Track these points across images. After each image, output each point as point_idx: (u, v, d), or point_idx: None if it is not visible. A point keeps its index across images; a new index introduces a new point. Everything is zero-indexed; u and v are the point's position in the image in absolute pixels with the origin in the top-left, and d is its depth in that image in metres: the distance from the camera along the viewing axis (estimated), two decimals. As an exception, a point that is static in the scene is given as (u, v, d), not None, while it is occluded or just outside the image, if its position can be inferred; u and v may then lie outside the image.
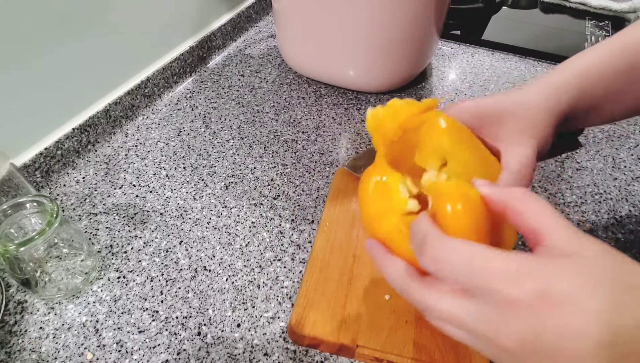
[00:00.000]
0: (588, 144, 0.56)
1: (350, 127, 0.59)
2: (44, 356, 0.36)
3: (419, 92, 0.65)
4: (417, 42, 0.60)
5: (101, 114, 0.55)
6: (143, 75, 0.60)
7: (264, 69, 0.70)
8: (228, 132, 0.58)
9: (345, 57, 0.60)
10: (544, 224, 0.22)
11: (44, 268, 0.39)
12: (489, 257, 0.21)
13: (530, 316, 0.19)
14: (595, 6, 0.83)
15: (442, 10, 0.58)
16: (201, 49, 0.69)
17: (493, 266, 0.21)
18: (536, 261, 0.20)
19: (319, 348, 0.36)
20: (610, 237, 0.45)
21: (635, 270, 0.20)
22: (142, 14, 0.58)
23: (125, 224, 0.46)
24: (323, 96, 0.65)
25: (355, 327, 0.37)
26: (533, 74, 0.69)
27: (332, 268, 0.41)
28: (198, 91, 0.66)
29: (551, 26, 0.80)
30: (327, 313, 0.37)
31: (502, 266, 0.20)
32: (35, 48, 0.46)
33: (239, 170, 0.53)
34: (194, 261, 0.43)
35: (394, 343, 0.35)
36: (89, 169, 0.53)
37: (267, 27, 0.81)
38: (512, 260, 0.21)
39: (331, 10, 0.55)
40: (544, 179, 0.51)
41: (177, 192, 0.50)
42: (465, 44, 0.77)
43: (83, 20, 0.50)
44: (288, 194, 0.50)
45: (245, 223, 0.47)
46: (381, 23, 0.55)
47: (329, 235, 0.44)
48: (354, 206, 0.46)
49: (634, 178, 0.52)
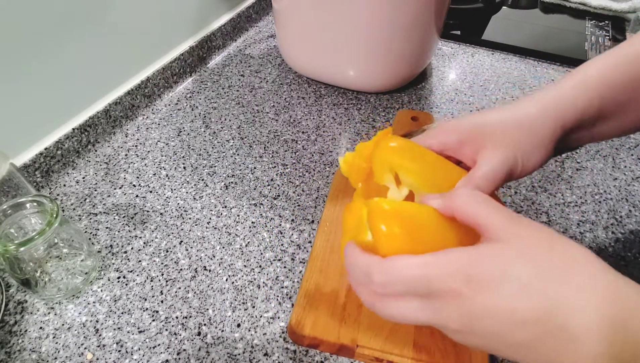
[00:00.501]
0: (588, 144, 0.56)
1: (350, 127, 0.59)
2: (44, 356, 0.36)
3: (419, 92, 0.66)
4: (417, 42, 0.60)
5: (101, 114, 0.55)
6: (143, 75, 0.60)
7: (264, 69, 0.70)
8: (228, 132, 0.58)
9: (345, 57, 0.60)
10: (482, 219, 0.25)
11: (44, 268, 0.39)
12: (427, 263, 0.24)
13: (463, 300, 0.23)
14: (595, 6, 0.83)
15: (442, 10, 0.58)
16: (201, 49, 0.69)
17: (432, 270, 0.24)
18: (468, 252, 0.24)
19: (319, 348, 0.36)
20: (610, 237, 0.45)
21: (565, 244, 0.24)
22: (142, 14, 0.58)
23: (125, 224, 0.46)
24: (323, 96, 0.65)
25: (355, 327, 0.37)
26: (533, 74, 0.69)
27: (332, 268, 0.41)
28: (198, 91, 0.66)
29: (551, 26, 0.80)
30: (327, 314, 0.37)
31: (440, 267, 0.24)
32: (35, 48, 0.46)
33: (239, 170, 0.53)
34: (194, 261, 0.43)
35: (394, 344, 0.35)
36: (89, 169, 0.53)
37: (267, 27, 0.81)
38: (448, 259, 0.24)
39: (331, 10, 0.55)
40: (544, 179, 0.51)
41: (177, 192, 0.50)
42: (465, 44, 0.77)
43: (83, 20, 0.50)
44: (288, 194, 0.50)
45: (245, 223, 0.47)
46: (381, 23, 0.55)
47: (329, 235, 0.44)
48: None
49: (634, 178, 0.52)
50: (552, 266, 0.23)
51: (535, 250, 0.23)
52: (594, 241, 0.45)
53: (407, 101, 0.64)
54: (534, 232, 0.24)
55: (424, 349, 0.35)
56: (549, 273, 0.22)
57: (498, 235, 0.24)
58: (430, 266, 0.24)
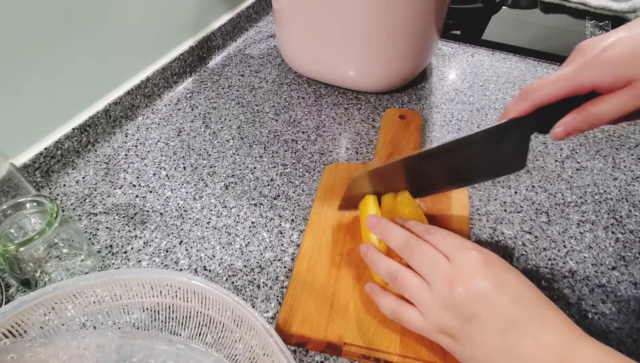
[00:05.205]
0: (588, 144, 0.56)
1: (350, 127, 0.59)
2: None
3: (419, 92, 0.65)
4: (417, 42, 0.60)
5: (101, 114, 0.55)
6: (143, 75, 0.60)
7: (264, 69, 0.70)
8: (228, 132, 0.58)
9: (345, 57, 0.60)
10: None
11: (44, 268, 0.39)
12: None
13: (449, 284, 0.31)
14: (595, 6, 0.83)
15: (442, 10, 0.58)
16: (201, 49, 0.69)
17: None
18: None
19: (306, 346, 0.36)
20: (610, 237, 0.45)
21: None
22: (142, 14, 0.58)
23: (125, 224, 0.46)
24: (323, 96, 0.65)
25: (343, 324, 0.37)
26: (533, 74, 0.69)
27: (320, 266, 0.41)
28: (198, 91, 0.66)
29: (551, 26, 0.80)
30: (314, 312, 0.38)
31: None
32: (35, 48, 0.46)
33: (239, 170, 0.53)
34: (194, 261, 0.43)
35: (380, 341, 0.36)
36: (89, 169, 0.53)
37: (267, 27, 0.81)
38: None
39: (331, 10, 0.55)
40: (544, 179, 0.51)
41: (177, 192, 0.50)
42: (465, 44, 0.77)
43: (83, 20, 0.50)
44: (288, 194, 0.50)
45: (245, 223, 0.47)
46: (381, 23, 0.55)
47: (317, 234, 0.44)
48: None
49: (634, 178, 0.52)
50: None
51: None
52: (594, 241, 0.45)
53: (407, 101, 0.64)
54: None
55: (411, 345, 0.35)
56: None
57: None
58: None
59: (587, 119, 0.30)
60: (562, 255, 0.44)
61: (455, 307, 0.30)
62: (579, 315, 0.39)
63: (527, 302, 0.29)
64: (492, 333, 0.29)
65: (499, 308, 0.29)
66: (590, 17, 0.82)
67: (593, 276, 0.42)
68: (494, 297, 0.29)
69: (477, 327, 0.29)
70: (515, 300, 0.29)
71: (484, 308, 0.29)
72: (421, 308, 0.32)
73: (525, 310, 0.29)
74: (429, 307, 0.31)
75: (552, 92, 0.30)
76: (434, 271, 0.32)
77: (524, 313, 0.29)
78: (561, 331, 0.28)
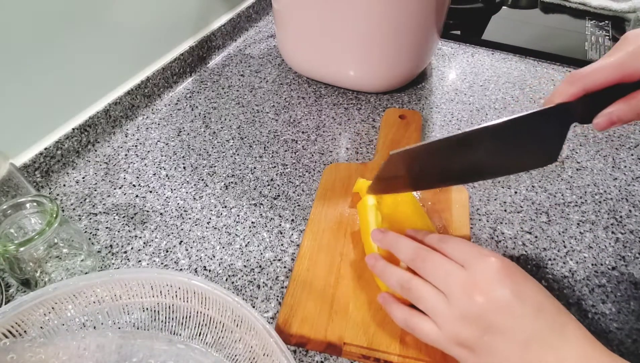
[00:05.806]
0: (588, 144, 0.56)
1: (350, 127, 0.59)
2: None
3: (419, 92, 0.65)
4: (417, 42, 0.60)
5: (101, 114, 0.55)
6: (143, 75, 0.60)
7: (264, 69, 0.70)
8: (228, 133, 0.58)
9: (345, 57, 0.60)
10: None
11: (44, 268, 0.39)
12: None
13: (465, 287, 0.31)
14: (595, 6, 0.83)
15: (442, 10, 0.58)
16: (201, 49, 0.69)
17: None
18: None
19: (306, 346, 0.36)
20: (610, 237, 0.45)
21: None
22: (142, 14, 0.58)
23: (125, 224, 0.46)
24: (323, 96, 0.65)
25: (343, 324, 0.37)
26: (533, 74, 0.69)
27: (320, 266, 0.41)
28: (198, 91, 0.66)
29: (551, 26, 0.80)
30: (314, 312, 0.38)
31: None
32: (35, 48, 0.46)
33: (239, 170, 0.53)
34: (194, 261, 0.43)
35: (380, 341, 0.36)
36: (89, 169, 0.53)
37: (267, 27, 0.81)
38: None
39: (331, 10, 0.55)
40: (544, 179, 0.51)
41: (177, 192, 0.50)
42: (465, 44, 0.77)
43: (83, 20, 0.50)
44: (288, 194, 0.50)
45: (245, 223, 0.47)
46: (381, 23, 0.55)
47: (317, 234, 0.44)
48: (341, 205, 0.47)
49: (634, 178, 0.52)
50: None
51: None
52: (594, 241, 0.45)
53: (407, 101, 0.64)
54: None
55: (411, 345, 0.35)
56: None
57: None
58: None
59: (634, 108, 0.29)
60: (562, 255, 0.44)
61: (474, 317, 0.29)
62: (579, 315, 0.39)
63: (549, 314, 0.29)
64: (513, 345, 0.28)
65: (521, 319, 0.28)
66: (590, 17, 0.82)
67: (593, 276, 0.42)
68: (516, 307, 0.28)
69: (498, 338, 0.28)
70: (536, 311, 0.28)
71: (506, 318, 0.28)
72: (436, 319, 0.31)
73: (547, 322, 0.28)
74: (444, 318, 0.30)
75: (603, 77, 0.29)
76: (449, 280, 0.31)
77: (545, 326, 0.28)
78: (583, 346, 0.27)
